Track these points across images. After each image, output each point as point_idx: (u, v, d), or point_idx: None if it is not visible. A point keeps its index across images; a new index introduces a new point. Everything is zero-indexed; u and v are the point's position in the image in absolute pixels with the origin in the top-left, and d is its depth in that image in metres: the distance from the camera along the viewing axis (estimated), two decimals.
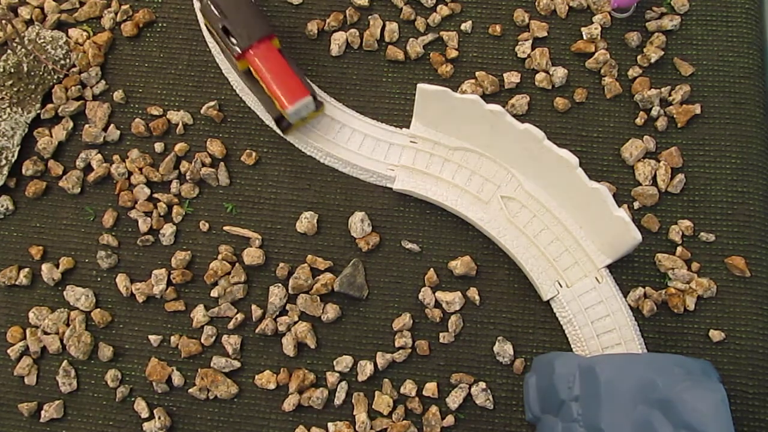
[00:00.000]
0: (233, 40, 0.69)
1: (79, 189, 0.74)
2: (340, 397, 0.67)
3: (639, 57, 0.76)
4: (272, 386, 0.67)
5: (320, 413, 0.67)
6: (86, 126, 0.75)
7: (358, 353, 0.68)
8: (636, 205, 0.71)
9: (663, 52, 0.75)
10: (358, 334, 0.69)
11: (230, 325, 0.69)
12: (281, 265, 0.70)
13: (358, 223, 0.70)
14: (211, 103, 0.75)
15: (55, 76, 0.77)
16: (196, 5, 0.78)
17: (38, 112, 0.76)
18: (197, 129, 0.75)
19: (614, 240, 0.65)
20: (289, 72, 0.69)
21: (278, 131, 0.73)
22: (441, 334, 0.68)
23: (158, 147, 0.75)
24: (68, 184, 0.73)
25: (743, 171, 0.71)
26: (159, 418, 0.66)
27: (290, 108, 0.68)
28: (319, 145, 0.73)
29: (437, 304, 0.69)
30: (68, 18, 0.80)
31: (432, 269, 0.69)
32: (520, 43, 0.77)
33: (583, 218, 0.67)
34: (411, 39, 0.77)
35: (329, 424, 0.66)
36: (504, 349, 0.67)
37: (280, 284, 0.70)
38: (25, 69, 0.77)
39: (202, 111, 0.75)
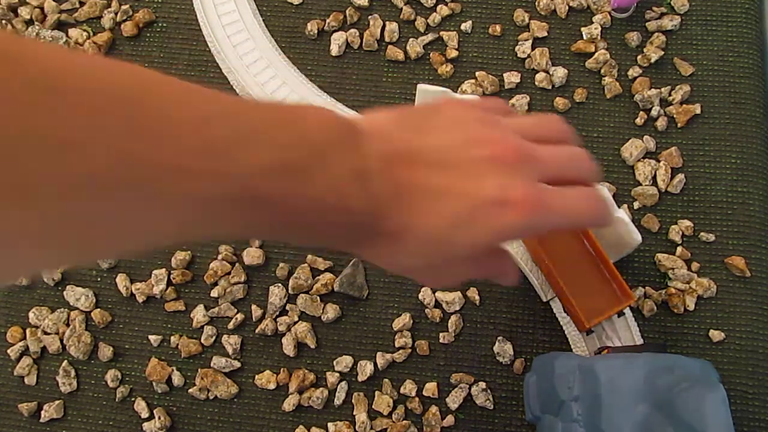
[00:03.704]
0: None
1: None
2: (340, 397, 0.67)
3: (639, 57, 0.76)
4: (272, 386, 0.67)
5: (320, 413, 0.67)
6: None
7: (358, 353, 0.68)
8: (636, 205, 0.71)
9: (663, 52, 0.75)
10: (358, 334, 0.69)
11: (230, 325, 0.69)
12: (281, 265, 0.70)
13: None
14: None
15: None
16: (199, 14, 0.78)
17: None
18: None
19: (614, 240, 0.65)
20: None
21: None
22: (441, 334, 0.68)
23: None
24: None
25: (743, 171, 0.71)
26: (159, 418, 0.66)
27: None
28: None
29: (437, 304, 0.69)
30: (68, 18, 0.80)
31: None
32: (520, 43, 0.77)
33: None
34: (411, 39, 0.77)
35: (329, 424, 0.66)
36: (504, 349, 0.67)
37: (280, 284, 0.70)
38: None
39: None
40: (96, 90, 0.29)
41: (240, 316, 0.69)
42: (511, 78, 0.75)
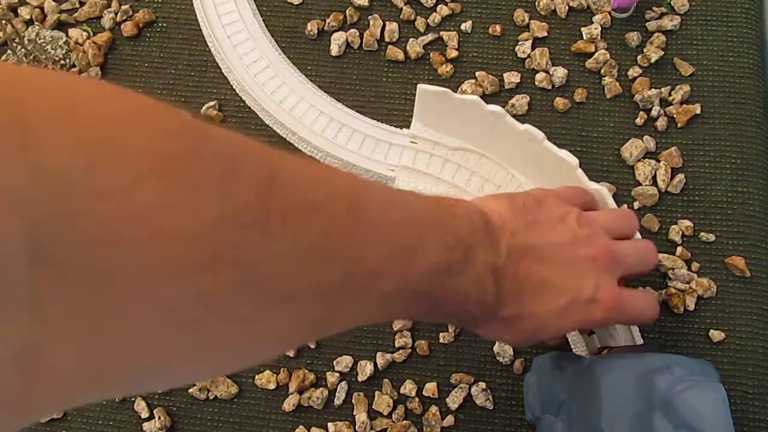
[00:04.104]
0: None
1: None
2: (340, 397, 0.67)
3: (639, 57, 0.76)
4: (272, 386, 0.67)
5: (320, 413, 0.67)
6: None
7: (358, 353, 0.68)
8: (636, 205, 0.71)
9: (663, 52, 0.75)
10: (358, 334, 0.69)
11: None
12: None
13: None
14: (211, 103, 0.75)
15: None
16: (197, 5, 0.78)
17: None
18: None
19: None
20: None
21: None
22: (441, 334, 0.68)
23: None
24: None
25: (743, 171, 0.71)
26: (159, 418, 0.66)
27: None
28: (319, 145, 0.73)
29: None
30: (68, 18, 0.80)
31: None
32: (520, 43, 0.77)
33: None
34: (411, 39, 0.77)
35: (329, 424, 0.66)
36: (504, 349, 0.67)
37: None
38: None
39: (202, 111, 0.75)
40: (327, 201, 0.33)
41: None
42: (511, 78, 0.75)
